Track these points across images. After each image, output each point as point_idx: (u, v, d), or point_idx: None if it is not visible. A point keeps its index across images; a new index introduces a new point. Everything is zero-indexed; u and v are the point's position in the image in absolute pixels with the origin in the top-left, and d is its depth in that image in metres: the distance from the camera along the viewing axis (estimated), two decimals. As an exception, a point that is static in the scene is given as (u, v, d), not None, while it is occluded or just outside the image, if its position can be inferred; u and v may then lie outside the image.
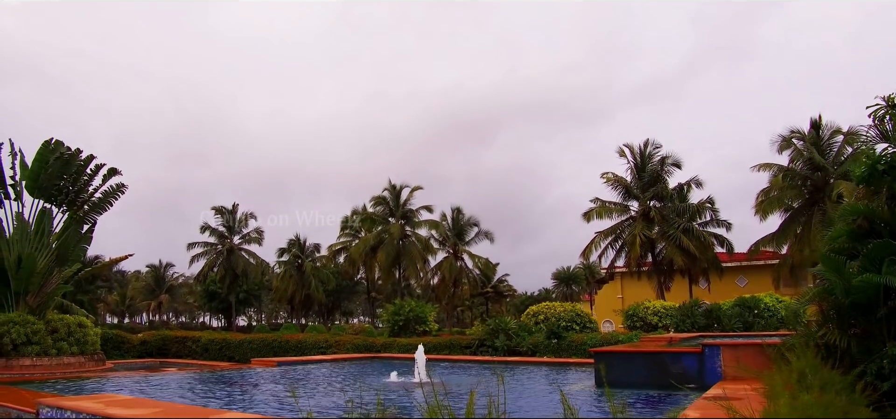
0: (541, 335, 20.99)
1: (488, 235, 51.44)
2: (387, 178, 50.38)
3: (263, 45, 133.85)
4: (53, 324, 21.15)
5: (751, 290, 37.12)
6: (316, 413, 9.58)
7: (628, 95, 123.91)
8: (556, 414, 8.91)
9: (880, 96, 9.70)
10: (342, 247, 54.93)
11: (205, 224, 55.66)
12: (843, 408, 5.23)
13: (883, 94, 8.67)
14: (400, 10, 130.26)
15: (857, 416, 5.17)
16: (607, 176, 39.79)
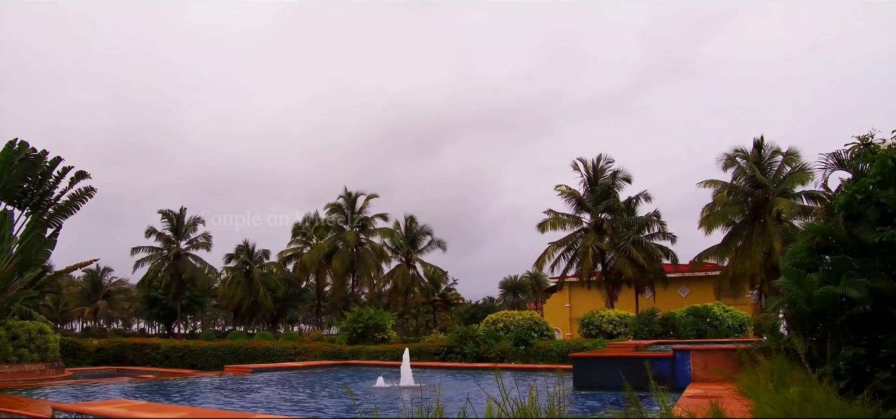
0: (508, 342, 21.72)
1: (441, 244, 52.36)
2: (343, 186, 50.46)
3: (214, 46, 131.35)
4: (14, 330, 20.65)
5: (692, 300, 38.94)
6: (329, 414, 9.97)
7: (576, 109, 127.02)
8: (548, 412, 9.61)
9: (856, 135, 10.90)
10: (293, 254, 54.58)
11: (150, 228, 54.31)
12: (822, 399, 6.05)
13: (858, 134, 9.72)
14: (355, 15, 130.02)
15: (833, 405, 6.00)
16: (561, 188, 41.14)
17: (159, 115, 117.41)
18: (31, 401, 10.63)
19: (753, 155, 35.98)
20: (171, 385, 15.31)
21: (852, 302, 9.81)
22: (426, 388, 14.09)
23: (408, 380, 14.57)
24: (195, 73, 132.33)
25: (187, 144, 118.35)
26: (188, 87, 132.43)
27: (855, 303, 9.77)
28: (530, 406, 5.85)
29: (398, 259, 51.40)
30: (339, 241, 48.28)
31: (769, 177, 35.54)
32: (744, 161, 36.13)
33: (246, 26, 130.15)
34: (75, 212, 23.09)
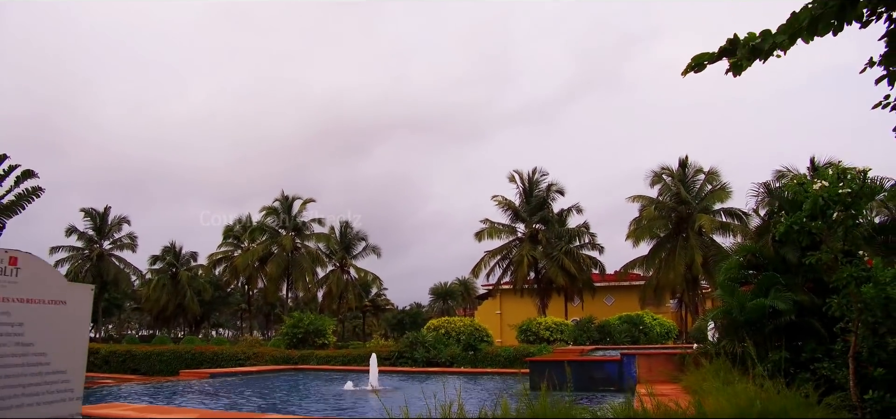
0: (457, 347, 22.67)
1: (376, 250, 52.85)
2: (269, 184, 50.78)
3: (129, 32, 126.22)
4: (-47, 332, 20.03)
5: (618, 308, 41.20)
6: (318, 414, 10.63)
7: (506, 117, 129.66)
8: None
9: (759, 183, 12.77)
10: (223, 257, 53.73)
11: (71, 226, 52.30)
12: (771, 391, 7.28)
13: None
14: (288, 10, 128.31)
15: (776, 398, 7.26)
16: (498, 199, 42.61)
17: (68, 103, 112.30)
18: None
19: (678, 173, 38.41)
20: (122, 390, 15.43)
21: (779, 312, 11.34)
22: (392, 391, 14.90)
23: (375, 383, 15.26)
24: (110, 61, 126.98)
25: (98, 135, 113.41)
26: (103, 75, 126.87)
27: (781, 314, 11.31)
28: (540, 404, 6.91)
29: (333, 264, 51.59)
30: (275, 245, 48.04)
31: (692, 194, 38.03)
32: (669, 178, 38.49)
33: (168, 15, 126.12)
34: (21, 212, 22.52)
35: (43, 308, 3.80)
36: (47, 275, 3.88)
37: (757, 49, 4.50)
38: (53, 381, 3.83)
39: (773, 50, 4.46)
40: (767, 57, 4.56)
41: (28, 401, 3.67)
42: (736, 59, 4.58)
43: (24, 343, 3.66)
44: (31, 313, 3.71)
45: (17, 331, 3.63)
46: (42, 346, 3.77)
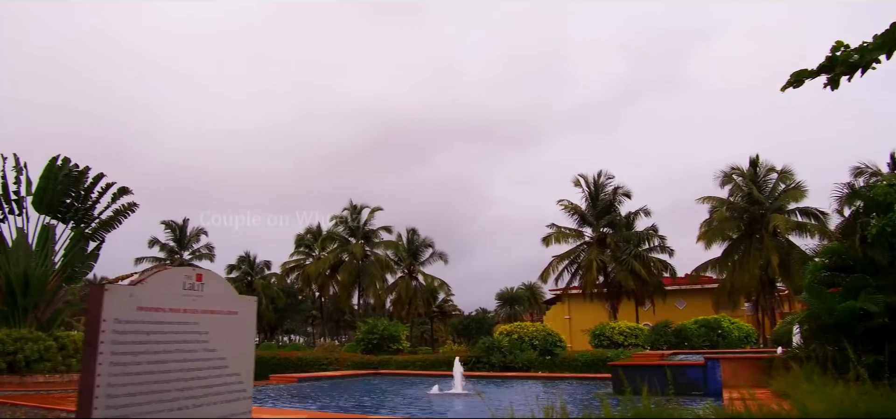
0: (533, 352, 22.94)
1: (442, 257, 53.52)
2: (326, 192, 51.92)
3: (186, 49, 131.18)
4: (62, 340, 21.51)
5: (690, 312, 40.49)
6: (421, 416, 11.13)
7: (563, 120, 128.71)
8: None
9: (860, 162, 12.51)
10: (296, 265, 55.45)
11: (153, 238, 55.05)
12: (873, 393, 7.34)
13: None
14: (336, 19, 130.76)
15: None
16: (564, 203, 42.63)
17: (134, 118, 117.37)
18: None
19: (749, 172, 37.64)
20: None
21: (869, 315, 11.23)
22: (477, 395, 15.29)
23: (459, 387, 15.72)
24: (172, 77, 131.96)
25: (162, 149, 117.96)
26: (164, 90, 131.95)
27: (872, 317, 11.19)
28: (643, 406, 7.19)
29: (401, 271, 52.53)
30: (345, 253, 49.31)
31: (764, 193, 37.18)
32: (740, 178, 37.77)
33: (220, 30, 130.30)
34: (118, 227, 24.06)
35: (221, 318, 4.37)
36: (223, 288, 4.45)
37: (855, 64, 4.69)
38: (231, 382, 4.40)
39: (871, 63, 4.65)
40: (866, 70, 4.75)
41: (213, 399, 4.24)
42: (834, 74, 4.78)
43: (210, 349, 4.24)
44: (213, 323, 4.29)
45: (204, 339, 4.21)
46: (222, 352, 4.34)
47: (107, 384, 3.52)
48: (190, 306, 4.13)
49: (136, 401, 3.68)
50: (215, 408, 4.27)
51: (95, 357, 3.49)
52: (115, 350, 3.57)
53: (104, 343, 3.53)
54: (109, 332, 3.56)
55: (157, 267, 4.07)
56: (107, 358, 3.53)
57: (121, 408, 3.58)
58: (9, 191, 22.52)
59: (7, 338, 20.18)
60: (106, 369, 3.52)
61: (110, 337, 3.56)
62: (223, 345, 4.36)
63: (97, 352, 3.50)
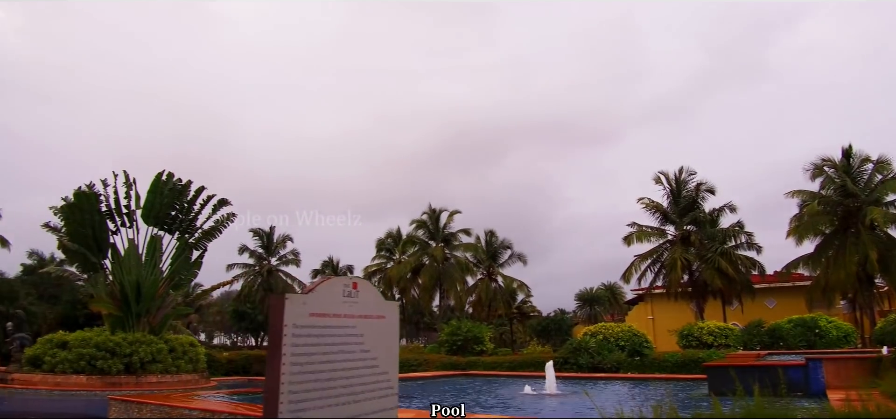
0: (620, 353, 22.83)
1: (521, 258, 53.67)
2: (413, 201, 52.64)
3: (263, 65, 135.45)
4: (171, 343, 22.97)
5: (781, 311, 39.12)
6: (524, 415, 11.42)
7: (637, 116, 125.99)
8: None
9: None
10: (377, 269, 56.69)
11: (243, 245, 57.46)
12: None
13: None
14: (405, 26, 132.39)
15: None
16: (644, 201, 41.98)
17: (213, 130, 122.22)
18: (256, 406, 12.43)
19: (842, 164, 36.06)
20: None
21: None
22: (571, 395, 15.47)
23: (552, 388, 15.91)
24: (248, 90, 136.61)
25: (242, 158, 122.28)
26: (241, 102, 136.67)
27: None
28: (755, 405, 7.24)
29: (480, 273, 52.93)
30: (425, 256, 50.10)
31: (860, 185, 35.55)
32: (832, 170, 36.25)
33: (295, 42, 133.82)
34: (218, 236, 25.47)
35: (372, 322, 4.81)
36: (374, 295, 4.88)
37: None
38: (382, 381, 4.83)
39: None
40: None
41: (368, 396, 4.68)
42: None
43: (365, 350, 4.67)
44: (367, 327, 4.73)
45: (361, 342, 4.64)
46: (374, 352, 4.77)
47: (289, 383, 3.99)
48: (348, 312, 4.58)
49: (311, 398, 4.15)
50: (370, 405, 4.71)
51: (279, 360, 3.97)
52: (294, 353, 4.04)
53: (286, 346, 4.00)
54: (289, 337, 4.03)
55: (323, 278, 4.56)
56: (288, 360, 4.00)
57: (299, 404, 4.05)
58: (120, 205, 24.21)
59: (123, 341, 21.74)
60: (288, 370, 3.99)
61: (290, 341, 4.03)
62: (375, 347, 4.80)
63: (281, 355, 3.97)
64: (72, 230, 23.00)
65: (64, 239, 23.23)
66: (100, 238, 23.48)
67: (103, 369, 20.96)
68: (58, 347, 21.44)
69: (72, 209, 23.19)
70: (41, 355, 21.38)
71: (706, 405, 12.12)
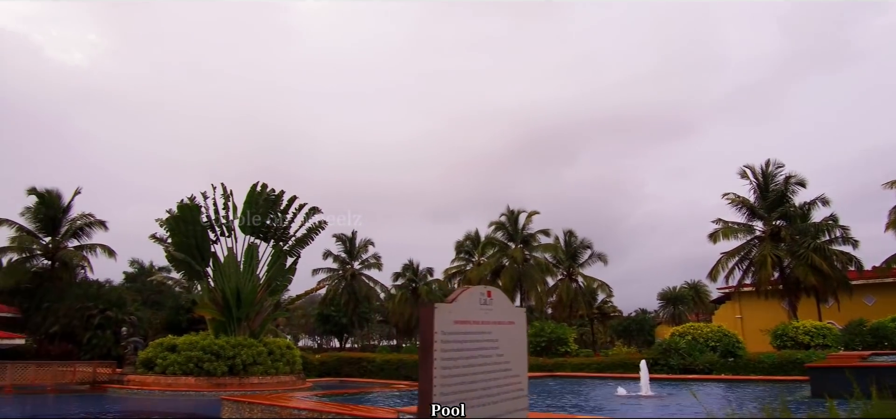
0: (712, 354, 22.41)
1: (602, 258, 53.10)
2: (506, 205, 52.63)
3: (338, 73, 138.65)
4: (270, 346, 24.12)
5: (882, 309, 37.25)
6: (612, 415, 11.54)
7: (716, 107, 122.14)
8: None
9: None
10: (457, 271, 57.24)
11: (327, 250, 59.19)
12: None
13: None
14: (474, 29, 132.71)
15: None
16: (729, 196, 40.80)
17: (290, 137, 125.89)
18: (376, 407, 13.06)
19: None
20: (412, 394, 17.52)
21: None
22: (667, 396, 15.40)
23: (647, 389, 15.87)
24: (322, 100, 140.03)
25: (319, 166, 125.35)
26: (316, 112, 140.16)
27: None
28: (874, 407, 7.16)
29: (560, 273, 52.70)
30: (505, 258, 50.29)
31: (969, 175, 33.48)
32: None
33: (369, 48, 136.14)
34: (310, 243, 26.58)
35: (505, 327, 5.14)
36: (504, 301, 5.22)
37: None
38: (514, 383, 5.15)
39: None
40: None
41: (503, 398, 5.01)
42: None
43: (499, 354, 5.01)
44: (501, 332, 5.07)
45: (496, 346, 4.98)
46: (507, 356, 5.10)
47: (440, 385, 4.37)
48: (485, 318, 4.94)
49: (457, 400, 4.52)
50: (505, 406, 5.04)
51: (432, 364, 4.35)
52: (443, 357, 4.42)
53: (437, 351, 4.38)
54: (439, 343, 4.41)
55: (463, 288, 4.94)
56: (439, 364, 4.38)
57: (449, 407, 4.42)
58: (220, 216, 25.63)
59: (226, 344, 23.00)
60: (439, 374, 4.37)
61: (440, 346, 4.41)
62: (507, 351, 5.14)
63: (433, 359, 4.36)
64: (178, 241, 24.49)
65: (171, 249, 24.75)
66: (202, 247, 24.89)
67: (209, 371, 22.23)
68: (168, 350, 22.89)
69: (176, 221, 24.69)
70: (153, 358, 22.88)
71: (820, 408, 11.89)
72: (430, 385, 4.35)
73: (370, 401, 16.08)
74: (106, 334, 33.18)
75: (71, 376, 23.68)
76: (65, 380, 23.37)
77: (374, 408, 12.46)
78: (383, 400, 16.32)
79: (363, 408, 12.17)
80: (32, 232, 38.87)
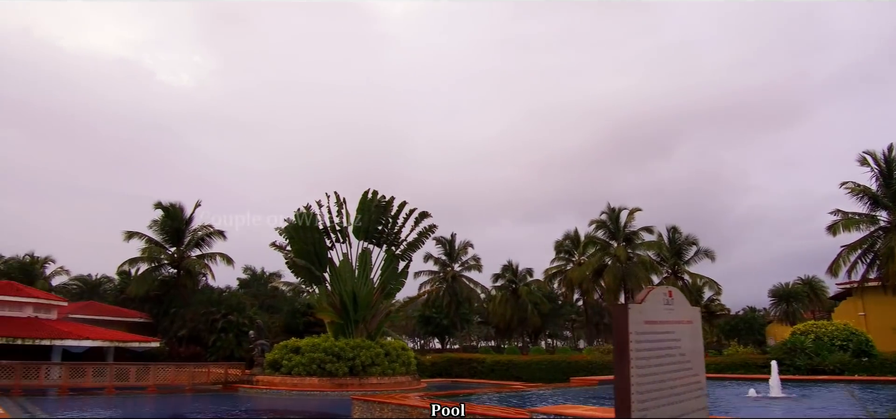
0: (844, 354, 21.35)
1: (708, 254, 51.33)
2: (606, 202, 51.93)
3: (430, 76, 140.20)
4: (386, 347, 24.93)
5: None
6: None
7: (823, 90, 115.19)
8: None
9: None
10: (557, 271, 56.93)
11: (427, 254, 60.16)
12: None
13: None
14: (563, 24, 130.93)
15: None
16: (848, 185, 38.51)
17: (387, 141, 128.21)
18: (509, 408, 13.37)
19: None
20: (534, 395, 17.66)
21: None
22: (801, 399, 14.86)
23: (778, 390, 15.36)
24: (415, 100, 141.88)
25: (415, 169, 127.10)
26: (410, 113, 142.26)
27: None
28: None
29: (665, 271, 51.37)
30: (607, 257, 49.57)
31: None
32: None
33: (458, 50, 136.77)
34: (421, 247, 27.29)
35: (684, 326, 5.25)
36: (683, 301, 5.33)
37: None
38: (694, 382, 5.26)
39: None
40: None
41: (685, 396, 5.12)
42: None
43: (681, 353, 5.13)
44: (681, 331, 5.19)
45: (678, 345, 5.11)
46: (688, 355, 5.21)
47: (636, 384, 4.55)
48: (668, 318, 5.07)
49: (651, 399, 4.68)
50: (688, 405, 5.15)
51: (628, 364, 4.53)
52: (637, 357, 4.59)
53: (632, 351, 4.56)
54: (634, 343, 4.59)
55: (649, 288, 5.09)
56: (634, 364, 4.56)
57: (644, 404, 4.59)
58: (334, 223, 26.71)
59: (346, 346, 23.95)
60: (635, 373, 4.55)
61: (635, 346, 4.58)
62: (688, 350, 5.24)
63: (628, 359, 4.54)
64: (297, 248, 25.73)
65: (291, 256, 26.03)
66: (320, 253, 26.04)
67: (331, 372, 23.22)
68: (292, 352, 24.08)
69: (295, 229, 25.94)
70: (279, 359, 24.13)
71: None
72: (628, 385, 4.53)
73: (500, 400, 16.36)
74: (228, 337, 35.20)
75: (205, 377, 25.32)
76: (199, 380, 25.01)
77: (509, 409, 12.72)
78: (505, 400, 16.56)
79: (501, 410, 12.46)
80: (160, 243, 41.80)
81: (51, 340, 28.69)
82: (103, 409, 19.57)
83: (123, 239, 41.06)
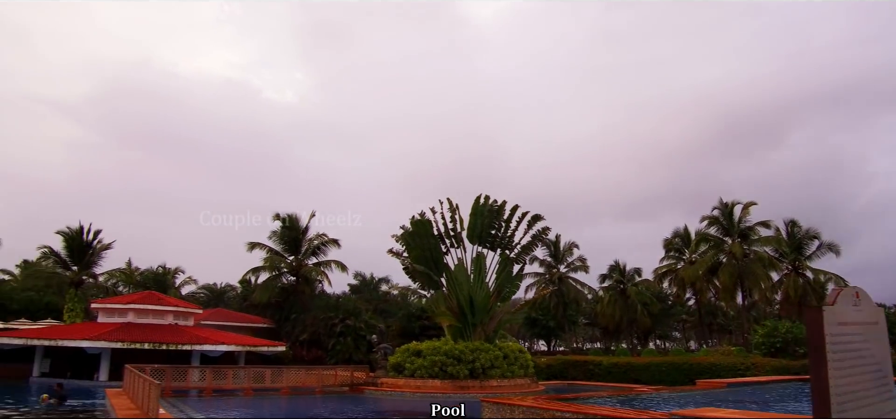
0: None
1: (833, 248, 48.37)
2: (718, 197, 49.83)
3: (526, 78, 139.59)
4: (504, 350, 25.23)
5: None
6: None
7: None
8: None
9: None
10: (668, 270, 55.39)
11: (533, 256, 60.04)
12: None
13: None
14: (657, 12, 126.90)
15: None
16: None
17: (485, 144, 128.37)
18: (646, 411, 13.38)
19: None
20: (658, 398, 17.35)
21: None
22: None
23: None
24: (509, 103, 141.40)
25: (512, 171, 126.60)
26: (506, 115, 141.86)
27: None
28: None
29: (785, 267, 48.84)
30: (721, 254, 47.75)
31: None
32: None
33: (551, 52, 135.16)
34: (535, 250, 27.43)
35: (870, 327, 5.20)
36: (869, 302, 5.28)
37: None
38: (883, 384, 5.20)
39: None
40: None
41: (874, 399, 5.07)
42: None
43: (870, 354, 5.10)
44: (869, 332, 5.15)
45: (867, 346, 5.08)
46: (876, 357, 5.17)
47: (834, 385, 4.58)
48: (856, 319, 5.05)
49: (846, 400, 4.69)
50: (881, 407, 5.10)
51: (825, 365, 4.57)
52: (833, 358, 4.62)
53: (829, 353, 4.60)
54: (829, 344, 4.62)
55: (836, 290, 5.10)
56: (831, 365, 4.59)
57: (842, 406, 4.61)
58: (448, 228, 27.27)
59: (466, 349, 24.41)
60: (833, 374, 4.58)
61: (830, 347, 4.62)
62: (876, 351, 5.20)
63: (825, 360, 4.58)
64: (415, 254, 26.48)
65: (409, 262, 26.83)
66: (437, 259, 26.68)
67: (452, 374, 23.74)
68: (414, 355, 24.81)
69: (411, 236, 26.70)
70: (402, 362, 24.93)
71: None
72: (826, 385, 4.58)
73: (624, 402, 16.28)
74: (347, 341, 36.63)
75: (332, 379, 26.48)
76: (327, 382, 26.17)
77: (646, 411, 12.69)
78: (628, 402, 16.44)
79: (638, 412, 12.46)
80: (279, 252, 44.12)
81: (191, 345, 30.95)
82: (247, 409, 20.92)
83: (246, 249, 43.65)
